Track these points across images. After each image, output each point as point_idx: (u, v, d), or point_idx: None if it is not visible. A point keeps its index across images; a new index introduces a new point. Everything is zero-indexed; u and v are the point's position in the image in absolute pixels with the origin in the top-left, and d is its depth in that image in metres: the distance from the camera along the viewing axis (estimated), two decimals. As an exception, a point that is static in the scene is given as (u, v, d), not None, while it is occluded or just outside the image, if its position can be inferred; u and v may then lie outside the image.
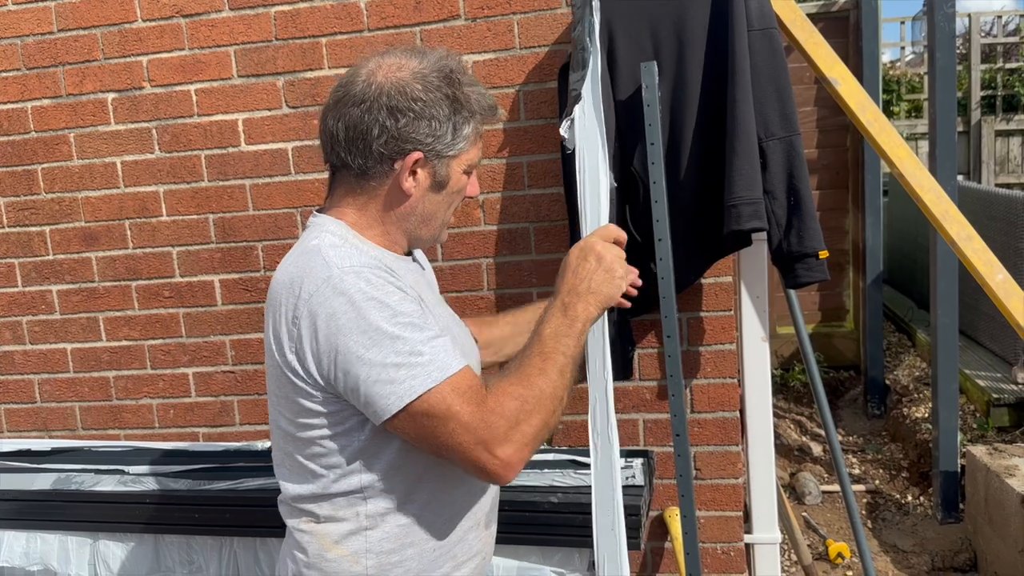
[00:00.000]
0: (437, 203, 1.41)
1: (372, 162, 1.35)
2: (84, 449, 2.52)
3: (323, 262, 1.29)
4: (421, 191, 1.39)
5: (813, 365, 2.80)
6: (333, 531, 1.38)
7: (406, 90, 1.33)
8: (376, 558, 1.37)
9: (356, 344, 1.24)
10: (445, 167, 1.38)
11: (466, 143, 1.38)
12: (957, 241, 2.17)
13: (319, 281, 1.27)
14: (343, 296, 1.25)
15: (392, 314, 1.26)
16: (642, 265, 2.16)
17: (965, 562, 3.61)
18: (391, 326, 1.25)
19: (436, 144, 1.35)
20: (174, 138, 2.48)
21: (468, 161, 1.41)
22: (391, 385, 1.24)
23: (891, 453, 4.80)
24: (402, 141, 1.33)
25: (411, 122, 1.33)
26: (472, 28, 2.26)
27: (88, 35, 2.48)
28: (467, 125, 1.37)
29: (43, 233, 2.62)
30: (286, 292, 1.31)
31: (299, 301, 1.28)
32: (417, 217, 1.41)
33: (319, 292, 1.27)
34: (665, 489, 2.33)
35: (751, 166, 1.96)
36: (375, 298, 1.26)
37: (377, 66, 1.36)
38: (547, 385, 1.30)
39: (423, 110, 1.33)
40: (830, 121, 5.90)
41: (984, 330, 5.13)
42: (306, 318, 1.27)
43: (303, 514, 1.41)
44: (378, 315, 1.25)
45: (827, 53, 2.15)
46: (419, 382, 1.24)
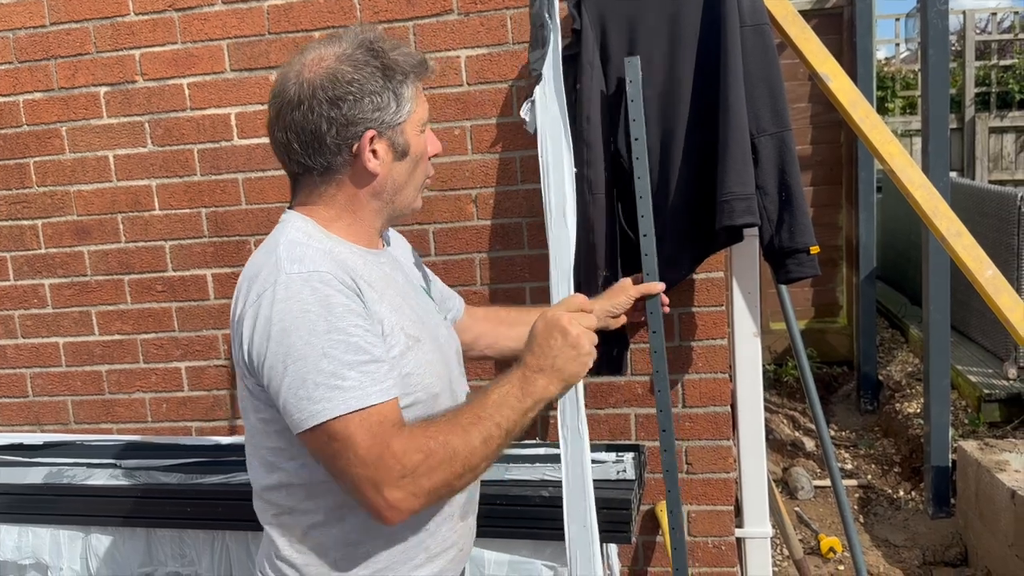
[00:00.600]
0: (404, 171, 1.41)
1: (331, 156, 1.36)
2: (76, 443, 2.51)
3: (275, 263, 1.30)
4: (386, 166, 1.39)
5: (804, 360, 2.81)
6: (300, 522, 1.38)
7: (336, 76, 1.33)
8: (343, 550, 1.37)
9: (284, 355, 1.24)
10: (401, 135, 1.38)
11: (411, 104, 1.38)
12: (947, 237, 2.18)
13: (266, 284, 1.28)
14: (282, 304, 1.25)
15: (327, 329, 1.24)
16: (635, 260, 2.18)
17: (956, 556, 3.63)
18: (322, 343, 1.23)
19: (383, 116, 1.35)
20: (167, 132, 2.47)
21: (419, 120, 1.41)
22: (306, 402, 1.23)
23: (883, 448, 4.81)
24: (352, 125, 1.34)
25: (353, 104, 1.33)
26: (465, 23, 2.26)
27: (80, 28, 2.47)
28: (405, 87, 1.37)
29: (35, 227, 2.62)
30: (242, 289, 1.34)
31: (248, 300, 1.30)
32: (388, 191, 1.41)
33: (263, 296, 1.27)
34: (657, 483, 2.34)
35: (743, 162, 1.97)
36: (312, 311, 1.24)
37: (301, 66, 1.36)
38: (463, 448, 1.26)
39: (360, 89, 1.33)
40: (823, 117, 5.91)
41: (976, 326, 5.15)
42: (249, 318, 1.28)
43: (271, 506, 1.41)
44: (309, 329, 1.24)
45: (818, 49, 2.16)
46: (332, 406, 1.22)
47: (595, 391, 2.35)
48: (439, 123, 2.30)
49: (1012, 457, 3.47)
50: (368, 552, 1.38)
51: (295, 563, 1.39)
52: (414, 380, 1.36)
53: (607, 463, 2.12)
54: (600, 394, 2.34)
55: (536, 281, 2.32)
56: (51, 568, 2.35)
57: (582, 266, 2.13)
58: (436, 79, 2.29)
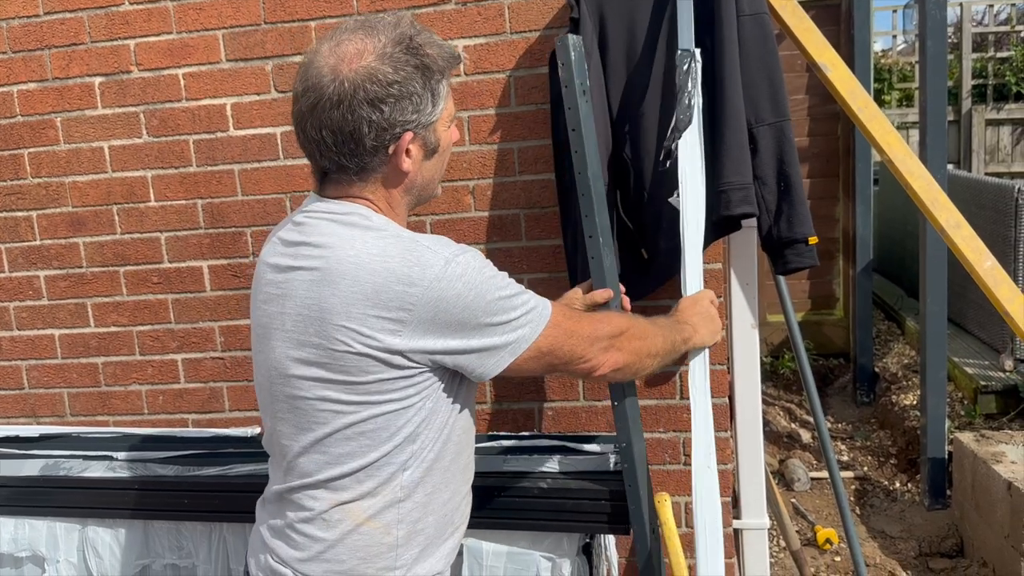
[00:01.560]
0: (433, 167, 1.46)
1: (368, 157, 1.36)
2: (73, 435, 2.51)
3: (428, 248, 1.34)
4: (417, 164, 1.41)
5: (802, 352, 2.81)
6: (370, 505, 1.39)
7: (378, 76, 1.31)
8: (406, 527, 1.42)
9: (482, 313, 1.35)
10: (433, 133, 1.41)
11: (445, 101, 1.41)
12: (946, 228, 2.18)
13: (438, 268, 1.31)
14: (462, 280, 1.33)
15: (501, 283, 1.39)
16: (633, 250, 2.17)
17: (952, 548, 3.64)
18: (504, 289, 1.38)
19: (420, 117, 1.36)
20: (162, 123, 2.46)
21: (449, 115, 1.44)
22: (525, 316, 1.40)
23: (880, 440, 4.83)
24: (391, 127, 1.34)
25: (394, 106, 1.32)
26: (462, 12, 2.25)
27: (75, 18, 2.45)
28: (441, 85, 1.38)
29: (30, 218, 2.60)
30: (389, 283, 1.31)
31: (416, 288, 1.30)
32: (418, 187, 1.46)
33: (442, 278, 1.31)
34: (654, 474, 2.34)
35: (740, 151, 1.96)
36: (486, 267, 1.37)
37: (338, 59, 1.33)
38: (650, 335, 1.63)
39: (401, 91, 1.33)
40: (821, 109, 5.91)
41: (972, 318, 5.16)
42: (428, 303, 1.31)
43: (342, 491, 1.39)
44: (493, 287, 1.36)
45: (817, 39, 2.15)
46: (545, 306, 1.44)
47: (592, 383, 2.34)
48: (436, 114, 2.29)
49: (1008, 449, 3.48)
50: (423, 528, 1.44)
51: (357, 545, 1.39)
52: None
53: (605, 455, 2.11)
54: (598, 386, 2.34)
55: (533, 272, 2.31)
56: (48, 560, 2.35)
57: (579, 257, 2.13)
58: (433, 69, 2.27)
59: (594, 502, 2.00)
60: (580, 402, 2.35)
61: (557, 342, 1.44)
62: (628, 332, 1.57)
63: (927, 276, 3.83)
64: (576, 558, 2.07)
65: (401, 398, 1.36)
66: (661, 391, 2.31)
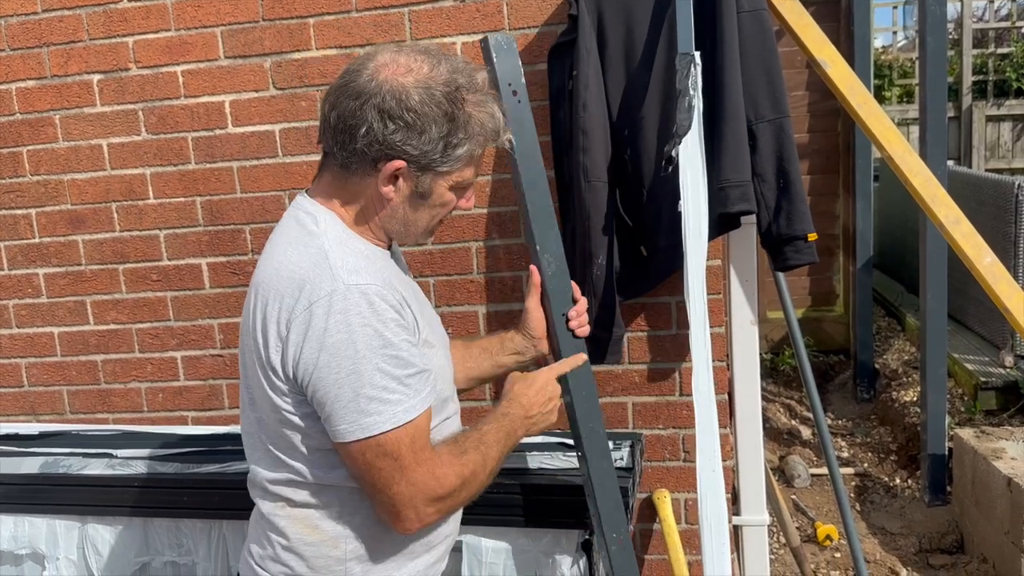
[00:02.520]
0: (418, 213, 1.39)
1: (353, 158, 1.33)
2: (72, 433, 2.51)
3: (329, 270, 1.28)
4: (401, 198, 1.36)
5: (801, 348, 2.81)
6: (310, 515, 1.39)
7: (402, 97, 1.29)
8: (355, 542, 1.39)
9: (338, 367, 1.26)
10: (429, 181, 1.35)
11: (458, 164, 1.34)
12: (945, 225, 2.17)
13: (324, 292, 1.27)
14: (341, 315, 1.26)
15: (382, 344, 1.27)
16: (632, 247, 2.17)
17: (952, 544, 3.64)
18: (377, 358, 1.27)
19: (422, 159, 1.32)
20: (161, 120, 2.46)
21: (458, 180, 1.37)
22: (356, 415, 1.27)
23: (880, 436, 4.82)
24: (386, 147, 1.31)
25: (399, 131, 1.29)
26: (461, 9, 2.24)
27: (73, 15, 2.45)
28: (462, 147, 1.33)
29: (29, 216, 2.60)
30: (288, 288, 1.30)
31: (298, 305, 1.28)
32: (398, 222, 1.40)
33: (319, 304, 1.26)
34: (654, 471, 2.34)
35: (739, 148, 1.96)
36: (371, 325, 1.26)
37: (388, 61, 1.32)
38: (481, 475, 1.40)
39: (415, 122, 1.29)
40: (821, 106, 5.90)
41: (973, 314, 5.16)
42: (300, 324, 1.27)
43: (279, 499, 1.41)
44: (366, 344, 1.26)
45: (817, 35, 2.14)
46: (383, 420, 1.28)
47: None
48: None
49: (1008, 445, 3.48)
50: (378, 545, 1.41)
51: (303, 554, 1.40)
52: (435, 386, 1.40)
53: (604, 451, 2.11)
54: (597, 382, 2.33)
55: (533, 269, 2.31)
56: (48, 558, 2.35)
57: (577, 255, 2.13)
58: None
59: (593, 499, 2.00)
60: (579, 399, 2.35)
61: (378, 463, 1.29)
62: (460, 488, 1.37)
63: (927, 272, 3.82)
64: (575, 555, 2.07)
65: (312, 419, 1.34)
66: (660, 388, 2.31)
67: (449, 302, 2.37)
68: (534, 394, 1.54)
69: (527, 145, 1.66)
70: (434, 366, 1.40)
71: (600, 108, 2.05)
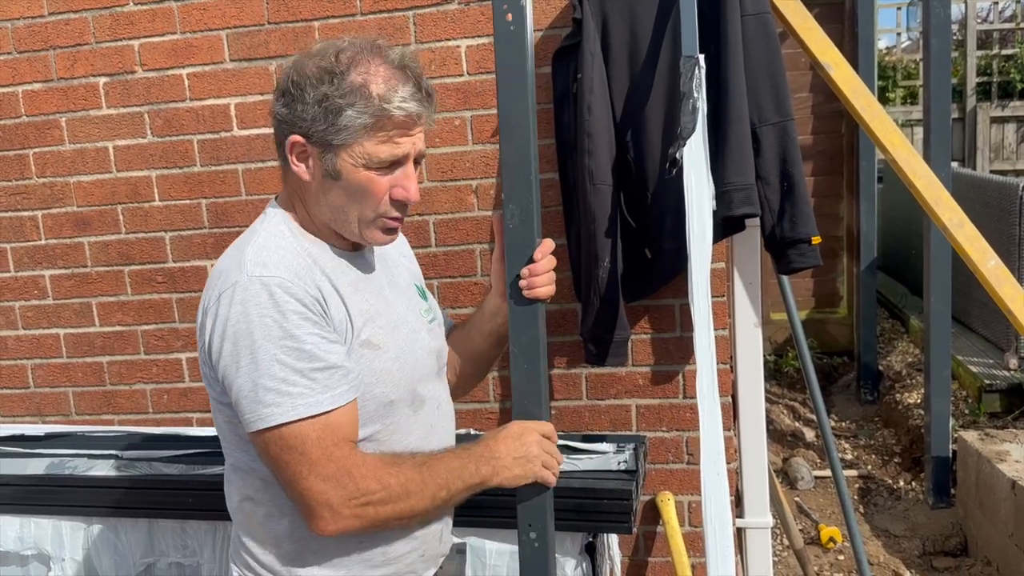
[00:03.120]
0: (340, 196, 1.34)
1: (278, 147, 1.37)
2: (78, 434, 2.52)
3: (240, 263, 1.30)
4: (317, 179, 1.34)
5: (805, 351, 2.81)
6: (256, 512, 1.40)
7: (291, 73, 1.33)
8: (296, 543, 1.38)
9: (238, 356, 1.27)
10: (333, 157, 1.32)
11: (351, 134, 1.29)
12: (949, 227, 2.18)
13: (229, 283, 1.29)
14: (240, 306, 1.27)
15: (281, 336, 1.26)
16: (636, 250, 2.18)
17: (956, 546, 3.64)
18: (275, 348, 1.25)
19: (312, 129, 1.31)
20: (166, 123, 2.47)
21: (363, 155, 1.31)
22: (255, 405, 1.27)
23: (883, 439, 4.82)
24: (287, 124, 1.33)
25: (287, 104, 1.32)
26: (465, 12, 2.25)
27: (79, 18, 2.46)
28: (345, 113, 1.28)
29: (35, 218, 2.61)
30: (211, 282, 1.34)
31: (211, 295, 1.31)
32: (326, 207, 1.36)
33: (225, 295, 1.28)
34: (657, 474, 2.34)
35: (743, 151, 1.96)
36: (270, 316, 1.26)
37: None
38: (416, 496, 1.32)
39: (296, 92, 1.31)
40: (825, 107, 5.89)
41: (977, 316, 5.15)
42: (211, 314, 1.30)
43: (236, 492, 1.44)
44: (264, 334, 1.26)
45: (821, 38, 2.15)
46: (280, 411, 1.26)
47: (595, 382, 2.34)
48: (440, 113, 2.29)
49: (1012, 447, 3.48)
50: (320, 548, 1.38)
51: (253, 552, 1.41)
52: (364, 389, 1.36)
53: (608, 454, 2.12)
54: (601, 385, 2.34)
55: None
56: (53, 559, 2.36)
57: (583, 257, 2.13)
58: (436, 69, 2.28)
59: (597, 501, 2.00)
60: (583, 401, 2.36)
61: (283, 456, 1.26)
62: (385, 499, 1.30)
63: (931, 274, 3.82)
64: (579, 557, 2.08)
65: (222, 409, 1.36)
66: (664, 390, 2.31)
67: (453, 304, 2.37)
68: (505, 434, 1.42)
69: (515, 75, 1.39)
70: (374, 368, 1.37)
71: (604, 111, 2.06)
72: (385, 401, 1.39)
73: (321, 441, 1.27)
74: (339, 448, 1.29)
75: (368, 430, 1.37)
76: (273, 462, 1.30)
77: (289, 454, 1.27)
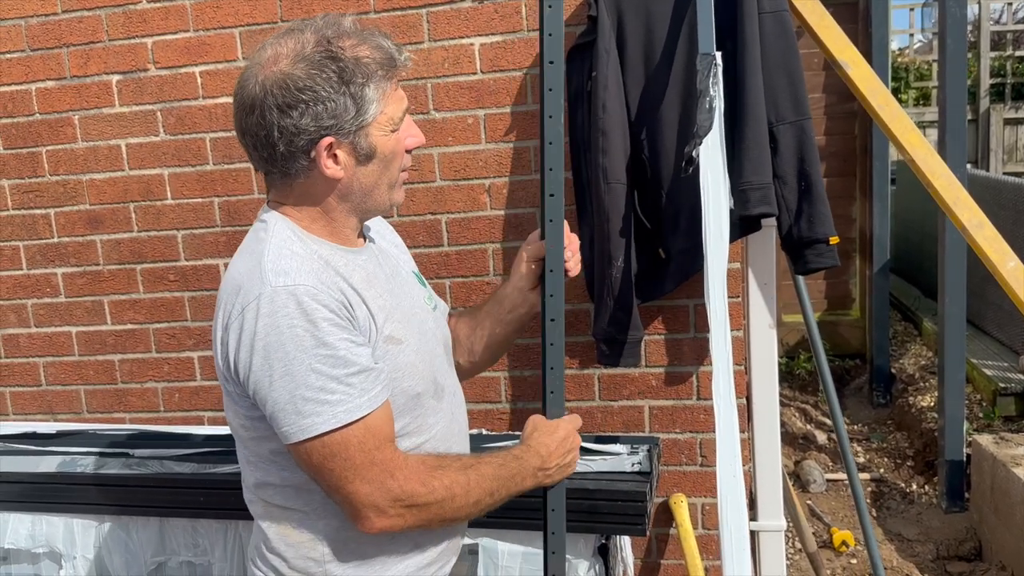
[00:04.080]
0: (373, 173, 1.35)
1: (288, 163, 1.32)
2: (89, 432, 2.52)
3: (260, 274, 1.28)
4: (350, 171, 1.34)
5: (821, 354, 2.78)
6: (290, 517, 1.39)
7: (287, 82, 1.27)
8: (333, 544, 1.38)
9: (271, 370, 1.25)
10: (364, 138, 1.31)
11: (376, 105, 1.30)
12: (968, 228, 2.15)
13: (253, 296, 1.27)
14: (267, 319, 1.25)
15: (315, 344, 1.25)
16: (650, 250, 2.16)
17: (970, 551, 3.60)
18: (309, 358, 1.25)
19: (341, 123, 1.29)
20: (179, 121, 2.46)
21: (388, 120, 1.33)
22: (295, 416, 1.26)
23: (896, 442, 4.79)
24: (306, 134, 1.28)
25: (306, 112, 1.27)
26: (479, 10, 2.24)
27: (92, 16, 2.46)
28: (367, 88, 1.29)
29: (48, 216, 2.61)
30: (228, 296, 1.31)
31: (233, 310, 1.28)
32: (357, 194, 1.36)
33: (250, 308, 1.26)
34: (670, 475, 2.32)
35: (760, 150, 1.95)
36: (300, 326, 1.25)
37: (260, 62, 1.31)
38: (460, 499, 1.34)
39: (313, 96, 1.27)
40: (838, 108, 5.86)
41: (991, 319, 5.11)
42: (234, 331, 1.28)
43: (261, 501, 1.42)
44: (296, 345, 1.24)
45: (838, 37, 2.13)
46: (322, 420, 1.25)
47: (608, 383, 2.33)
48: (453, 111, 2.28)
49: (1028, 451, 3.44)
50: (358, 545, 1.39)
51: (285, 555, 1.40)
52: (392, 385, 1.36)
53: (622, 455, 2.10)
54: (614, 386, 2.33)
55: (550, 271, 2.30)
56: (64, 557, 2.36)
57: (596, 256, 2.12)
58: (449, 67, 2.27)
59: (611, 503, 1.99)
60: (596, 402, 2.34)
61: (327, 464, 1.27)
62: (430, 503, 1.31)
63: (946, 276, 3.79)
64: (592, 559, 2.06)
65: (246, 424, 1.35)
66: (678, 391, 2.29)
67: (465, 303, 2.36)
68: (555, 445, 1.46)
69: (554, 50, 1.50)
70: (400, 363, 1.37)
71: (619, 109, 2.04)
72: (412, 394, 1.40)
73: (363, 445, 1.27)
74: (381, 451, 1.29)
75: (398, 424, 1.37)
76: (315, 470, 1.29)
77: (333, 461, 1.27)
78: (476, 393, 2.39)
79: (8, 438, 2.48)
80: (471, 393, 2.39)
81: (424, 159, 2.32)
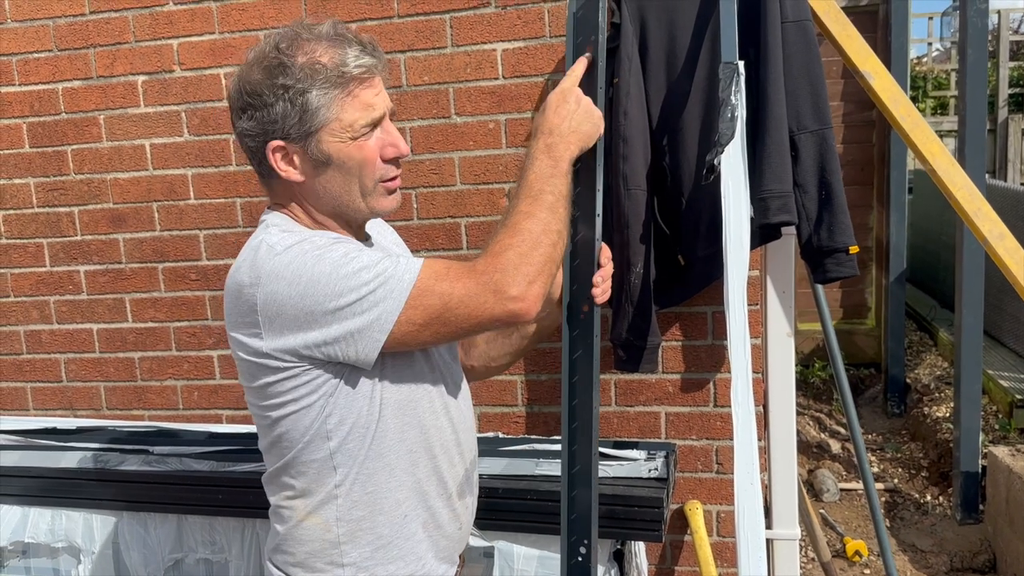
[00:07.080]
0: (336, 180, 1.36)
1: (257, 163, 1.38)
2: (109, 429, 2.54)
3: (267, 248, 1.31)
4: (309, 175, 1.36)
5: (839, 363, 2.78)
6: (308, 503, 1.41)
7: (242, 86, 1.33)
8: (348, 525, 1.40)
9: (324, 298, 1.27)
10: (317, 144, 1.32)
11: (324, 111, 1.30)
12: (989, 239, 2.14)
13: (268, 265, 1.29)
14: (291, 267, 1.28)
15: (341, 260, 1.28)
16: (669, 256, 2.16)
17: (984, 563, 3.59)
18: (345, 267, 1.27)
19: (286, 127, 1.31)
20: (203, 121, 2.49)
21: (344, 127, 1.32)
22: (378, 306, 1.27)
23: (910, 452, 4.76)
24: (259, 135, 1.33)
25: (254, 114, 1.32)
26: (502, 16, 2.25)
27: (120, 17, 2.49)
28: (309, 95, 1.29)
29: (72, 214, 2.64)
30: (236, 291, 1.34)
31: (256, 291, 1.30)
32: (326, 199, 1.38)
33: (271, 275, 1.29)
34: (686, 482, 2.32)
35: (781, 159, 1.95)
36: (317, 254, 1.28)
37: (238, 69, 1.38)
38: (536, 226, 1.32)
39: (260, 101, 1.31)
40: (856, 117, 5.85)
41: (1008, 330, 5.08)
42: (267, 301, 1.29)
43: (283, 488, 1.44)
44: (329, 265, 1.27)
45: (861, 46, 2.12)
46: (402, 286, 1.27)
47: (625, 388, 2.33)
48: (474, 116, 2.30)
49: (1045, 464, 3.42)
50: (372, 527, 1.41)
51: (301, 539, 1.42)
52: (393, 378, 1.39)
53: (639, 461, 2.10)
54: (630, 391, 2.33)
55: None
56: (83, 551, 2.38)
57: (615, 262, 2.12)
58: (472, 72, 2.28)
59: (627, 508, 1.99)
60: (612, 407, 2.35)
61: (434, 310, 1.28)
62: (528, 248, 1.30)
63: (963, 287, 3.77)
64: (607, 564, 2.06)
65: (296, 399, 1.35)
66: (695, 398, 2.30)
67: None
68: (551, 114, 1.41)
69: None
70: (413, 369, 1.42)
71: (641, 116, 2.05)
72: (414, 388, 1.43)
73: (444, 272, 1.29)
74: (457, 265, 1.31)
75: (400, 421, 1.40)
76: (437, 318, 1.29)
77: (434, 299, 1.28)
78: (492, 396, 2.40)
79: (29, 433, 2.50)
80: (487, 396, 2.40)
81: (444, 163, 2.33)
